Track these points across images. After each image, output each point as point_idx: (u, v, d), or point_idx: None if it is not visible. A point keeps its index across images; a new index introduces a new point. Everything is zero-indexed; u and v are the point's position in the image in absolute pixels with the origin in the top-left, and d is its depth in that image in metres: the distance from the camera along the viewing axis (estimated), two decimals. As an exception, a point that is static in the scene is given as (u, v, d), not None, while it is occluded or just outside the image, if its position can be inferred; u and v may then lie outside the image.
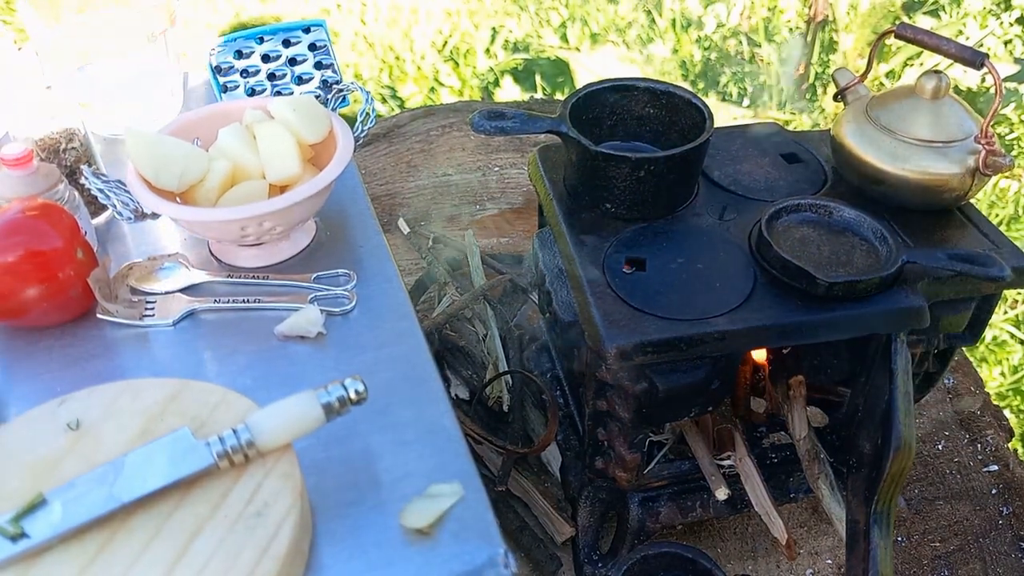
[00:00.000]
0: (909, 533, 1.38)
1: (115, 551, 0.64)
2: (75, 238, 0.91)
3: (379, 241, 1.05)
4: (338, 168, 0.96)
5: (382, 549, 0.71)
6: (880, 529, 1.05)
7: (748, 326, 0.98)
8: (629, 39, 3.30)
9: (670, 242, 1.09)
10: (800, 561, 1.33)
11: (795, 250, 1.05)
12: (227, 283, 0.99)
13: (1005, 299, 2.22)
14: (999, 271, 0.98)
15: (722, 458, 1.20)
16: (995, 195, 2.52)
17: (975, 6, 3.18)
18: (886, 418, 1.04)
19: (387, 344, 0.91)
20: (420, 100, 3.04)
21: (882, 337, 1.05)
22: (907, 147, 1.10)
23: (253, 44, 1.28)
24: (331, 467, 0.78)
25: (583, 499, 1.28)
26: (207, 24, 3.33)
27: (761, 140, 1.28)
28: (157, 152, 0.95)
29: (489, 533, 0.73)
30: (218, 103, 1.11)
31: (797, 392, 1.16)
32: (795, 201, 1.10)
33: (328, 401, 0.70)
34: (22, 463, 0.69)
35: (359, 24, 3.38)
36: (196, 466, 0.67)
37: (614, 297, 1.00)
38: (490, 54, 3.27)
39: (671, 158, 1.08)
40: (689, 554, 1.15)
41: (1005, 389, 2.05)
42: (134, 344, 0.92)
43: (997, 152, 1.06)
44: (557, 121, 1.10)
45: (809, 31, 3.03)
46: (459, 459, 0.79)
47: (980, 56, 1.05)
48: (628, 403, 1.04)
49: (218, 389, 0.75)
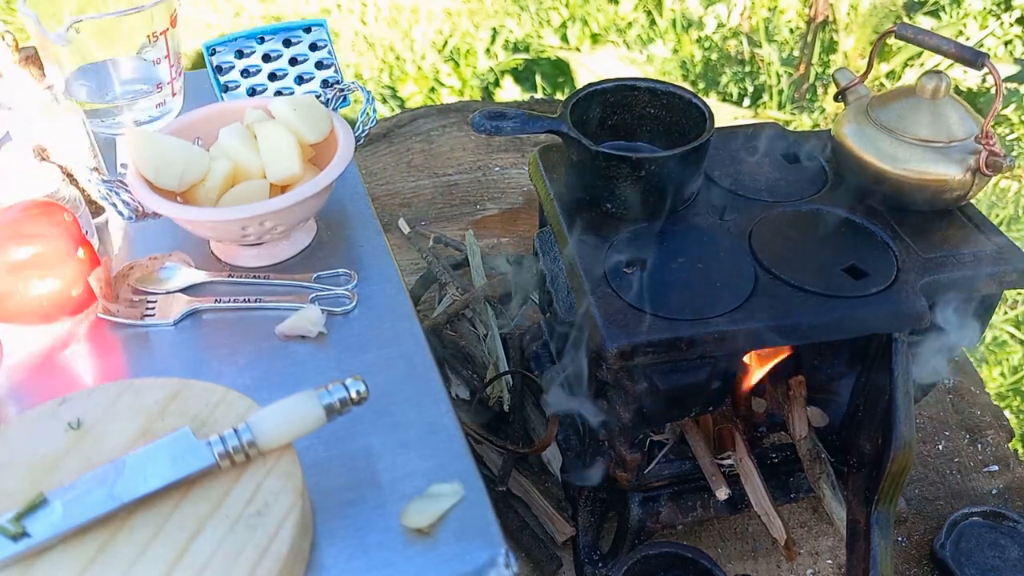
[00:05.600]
0: (909, 533, 1.38)
1: (116, 551, 0.64)
2: (76, 238, 0.91)
3: (379, 241, 1.05)
4: (339, 168, 0.96)
5: (383, 549, 0.71)
6: (880, 529, 1.06)
7: (748, 326, 0.98)
8: (629, 39, 3.31)
9: (670, 242, 1.09)
10: (800, 561, 1.33)
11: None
12: (228, 283, 0.99)
13: (1005, 299, 2.22)
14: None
15: (722, 458, 1.20)
16: (995, 195, 2.52)
17: (975, 6, 3.18)
18: (886, 418, 1.04)
19: (388, 344, 0.91)
20: (420, 100, 3.04)
21: (882, 337, 1.05)
22: (907, 147, 1.10)
23: (254, 44, 1.28)
24: (332, 467, 0.78)
25: (583, 499, 1.28)
26: (207, 24, 3.33)
27: (761, 140, 1.28)
28: (158, 152, 0.95)
29: (490, 533, 0.73)
30: (219, 103, 1.11)
31: (797, 392, 1.16)
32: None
33: (329, 401, 0.70)
34: (23, 463, 0.69)
35: (359, 24, 3.38)
36: (197, 466, 0.67)
37: (614, 297, 1.00)
38: (490, 54, 3.27)
39: (672, 158, 1.08)
40: (689, 554, 1.15)
41: (1005, 389, 2.05)
42: (135, 344, 0.92)
43: (997, 152, 1.06)
44: (557, 121, 1.10)
45: (809, 31, 3.03)
46: (459, 459, 0.79)
47: (980, 56, 1.05)
48: (629, 403, 1.04)
49: (219, 389, 0.75)
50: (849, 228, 1.12)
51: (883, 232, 1.11)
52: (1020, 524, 1.31)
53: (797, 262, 1.06)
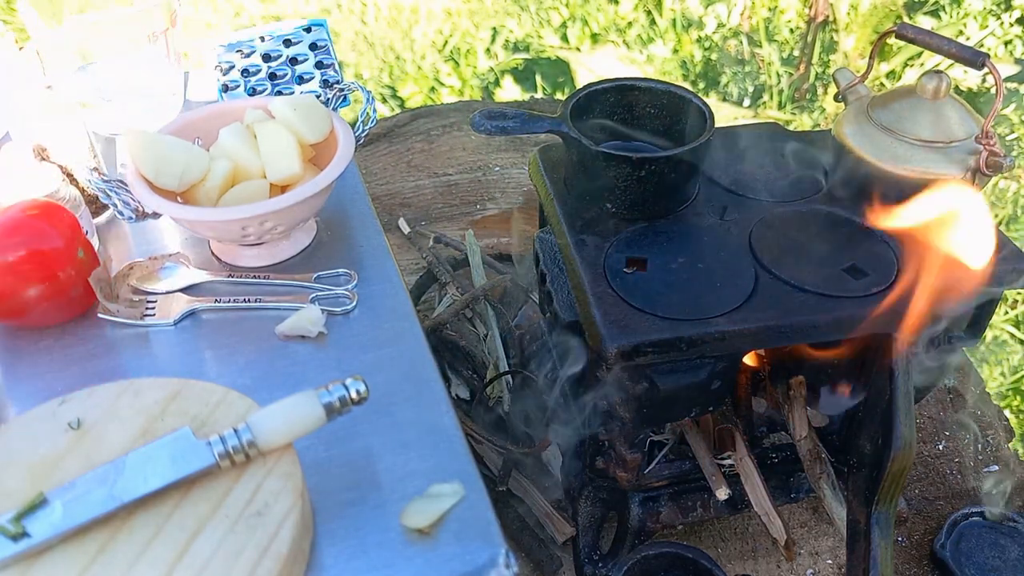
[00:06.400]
0: (909, 533, 1.38)
1: (116, 551, 0.64)
2: (76, 237, 0.91)
3: (380, 241, 1.05)
4: (339, 168, 0.96)
5: (383, 549, 0.72)
6: (881, 529, 1.06)
7: (749, 326, 0.98)
8: (629, 39, 3.31)
9: (671, 242, 1.09)
10: (801, 561, 1.33)
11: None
12: (228, 283, 0.99)
13: (1005, 299, 2.22)
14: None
15: (722, 458, 1.20)
16: (995, 195, 2.52)
17: (975, 6, 3.18)
18: (886, 418, 1.04)
19: (388, 344, 0.91)
20: (420, 100, 3.04)
21: (882, 337, 1.05)
22: (908, 147, 1.10)
23: (254, 44, 1.28)
24: (332, 467, 0.78)
25: (583, 499, 1.28)
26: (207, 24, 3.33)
27: (762, 140, 1.28)
28: (158, 152, 0.95)
29: (490, 533, 0.73)
30: (219, 103, 1.11)
31: (797, 392, 1.16)
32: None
33: (329, 401, 0.70)
34: (23, 463, 0.69)
35: (359, 24, 3.38)
36: (197, 466, 0.67)
37: (615, 297, 1.00)
38: (490, 54, 3.27)
39: (672, 158, 1.07)
40: (690, 554, 1.15)
41: (1005, 389, 2.05)
42: (135, 344, 0.92)
43: (998, 152, 1.06)
44: (558, 121, 1.10)
45: (810, 31, 3.03)
46: (460, 459, 0.79)
47: (981, 56, 1.05)
48: (629, 403, 1.04)
49: (219, 389, 0.75)
50: (849, 228, 1.12)
51: (883, 232, 1.10)
52: (1020, 524, 1.31)
53: (797, 262, 1.06)
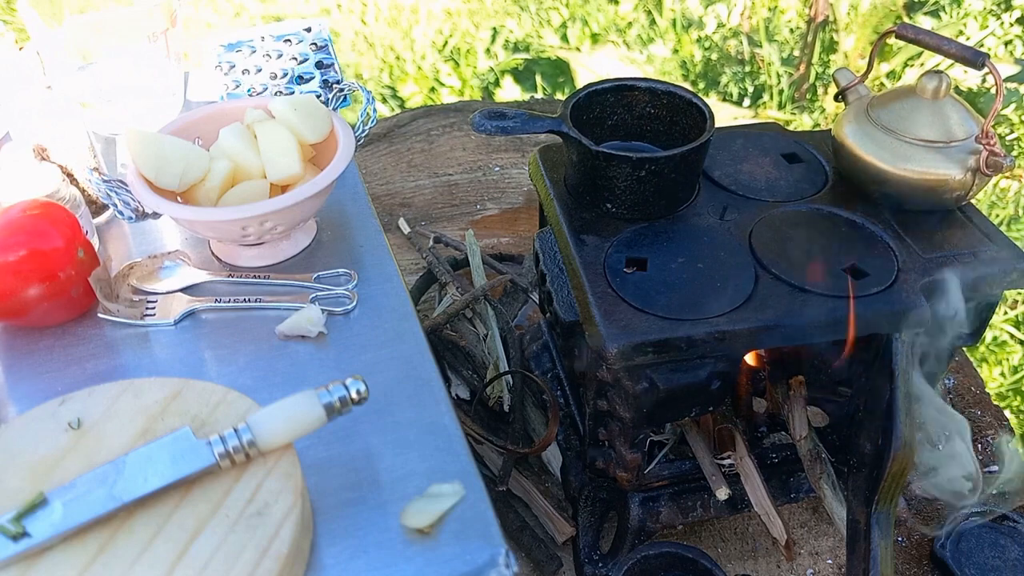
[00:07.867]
0: (909, 533, 1.38)
1: (116, 550, 0.64)
2: (76, 237, 0.91)
3: (380, 241, 1.05)
4: (339, 168, 0.96)
5: (383, 549, 0.72)
6: (881, 529, 1.06)
7: (748, 326, 0.98)
8: (629, 39, 3.31)
9: (671, 242, 1.09)
10: (801, 561, 1.33)
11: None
12: (228, 282, 0.99)
13: (1005, 299, 2.22)
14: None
15: (722, 458, 1.20)
16: (995, 195, 2.52)
17: (976, 6, 3.18)
18: (886, 418, 1.04)
19: (388, 344, 0.91)
20: (420, 100, 3.05)
21: (882, 337, 1.05)
22: (908, 147, 1.10)
23: (254, 44, 1.28)
24: (332, 467, 0.78)
25: (583, 499, 1.28)
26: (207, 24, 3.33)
27: (762, 140, 1.28)
28: (158, 152, 0.95)
29: (490, 533, 0.73)
30: (219, 103, 1.11)
31: (797, 392, 1.16)
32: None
33: (329, 401, 0.70)
34: (23, 463, 0.69)
35: (359, 24, 3.38)
36: (197, 465, 0.67)
37: (615, 297, 1.00)
38: (490, 54, 3.27)
39: (672, 158, 1.08)
40: (690, 554, 1.15)
41: (1005, 389, 2.05)
42: (135, 343, 0.92)
43: (998, 152, 1.06)
44: (558, 121, 1.10)
45: (810, 31, 3.03)
46: (460, 459, 0.79)
47: (981, 56, 1.05)
48: (629, 403, 1.04)
49: (219, 388, 0.75)
50: (849, 228, 1.12)
51: (883, 232, 1.11)
52: (1020, 524, 1.31)
53: (797, 262, 1.06)
